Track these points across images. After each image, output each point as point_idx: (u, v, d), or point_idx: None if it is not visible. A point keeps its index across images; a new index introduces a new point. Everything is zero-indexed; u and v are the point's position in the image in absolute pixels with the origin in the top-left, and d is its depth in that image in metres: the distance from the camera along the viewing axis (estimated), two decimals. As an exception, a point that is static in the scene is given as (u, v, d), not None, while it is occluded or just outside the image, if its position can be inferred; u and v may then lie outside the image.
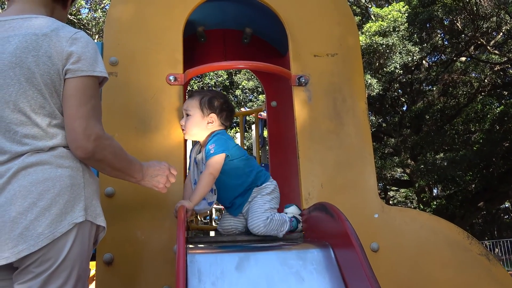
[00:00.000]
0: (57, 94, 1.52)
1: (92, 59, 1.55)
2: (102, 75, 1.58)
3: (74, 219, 1.45)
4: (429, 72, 16.19)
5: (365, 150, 2.52)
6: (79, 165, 1.52)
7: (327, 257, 1.81)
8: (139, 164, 1.74)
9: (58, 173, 1.46)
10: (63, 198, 1.44)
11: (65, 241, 1.43)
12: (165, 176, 1.83)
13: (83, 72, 1.52)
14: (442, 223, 2.42)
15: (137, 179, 1.74)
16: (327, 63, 2.64)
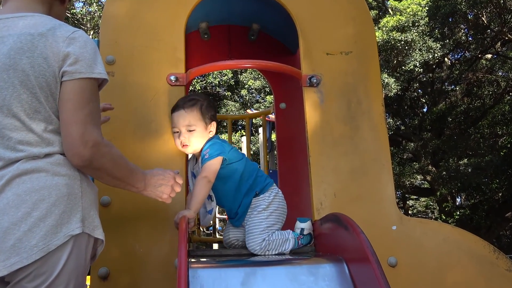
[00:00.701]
0: (53, 98, 1.53)
1: (91, 60, 1.56)
2: (101, 77, 1.59)
3: (70, 231, 1.46)
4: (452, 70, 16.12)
5: (382, 156, 2.51)
6: (76, 174, 1.54)
7: (341, 273, 1.80)
8: (141, 173, 1.74)
9: (54, 182, 1.47)
10: (59, 208, 1.45)
11: (60, 255, 1.44)
12: (169, 186, 1.83)
13: (81, 74, 1.53)
14: (466, 236, 2.40)
15: (139, 189, 1.75)
16: (341, 61, 2.64)
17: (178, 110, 2.28)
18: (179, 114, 2.27)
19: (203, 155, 2.24)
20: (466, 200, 17.24)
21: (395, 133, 16.39)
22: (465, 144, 14.36)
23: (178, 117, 2.27)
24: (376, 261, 1.65)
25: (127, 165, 1.67)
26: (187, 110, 2.27)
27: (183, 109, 2.27)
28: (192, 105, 2.28)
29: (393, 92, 13.46)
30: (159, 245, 2.19)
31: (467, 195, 16.57)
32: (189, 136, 2.26)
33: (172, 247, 2.15)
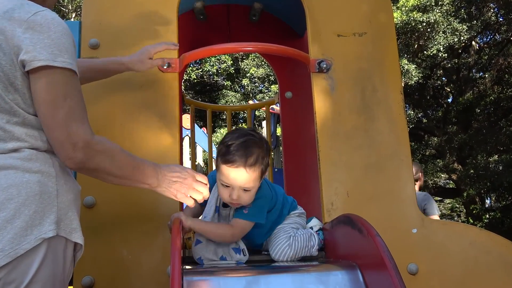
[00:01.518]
0: (14, 89, 1.51)
1: (54, 45, 1.52)
2: (65, 66, 1.52)
3: (43, 234, 1.44)
4: (480, 55, 16.07)
5: (401, 151, 2.51)
6: (51, 170, 1.53)
7: (354, 281, 1.80)
8: (152, 167, 1.74)
9: (24, 179, 1.46)
10: (29, 208, 1.44)
11: (31, 260, 1.43)
12: (185, 184, 1.82)
13: (40, 61, 1.48)
14: (496, 240, 2.40)
15: (151, 186, 1.75)
16: (354, 44, 2.64)
17: (238, 167, 2.01)
18: (239, 173, 2.02)
19: (243, 207, 2.15)
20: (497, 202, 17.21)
21: (416, 126, 16.37)
22: (495, 139, 14.32)
23: (237, 176, 2.03)
24: (394, 267, 1.64)
25: (130, 160, 1.67)
26: (249, 171, 2.02)
27: (245, 168, 2.01)
28: (255, 163, 2.03)
29: (413, 80, 13.43)
30: (150, 251, 2.20)
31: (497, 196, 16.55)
32: (243, 194, 2.07)
33: (165, 254, 2.16)
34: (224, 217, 2.23)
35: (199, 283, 1.76)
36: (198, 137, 8.50)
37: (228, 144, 2.04)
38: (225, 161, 2.03)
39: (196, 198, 1.86)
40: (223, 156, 2.04)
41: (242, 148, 2.02)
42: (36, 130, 1.55)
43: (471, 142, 14.69)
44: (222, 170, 2.05)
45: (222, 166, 2.04)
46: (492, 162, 14.14)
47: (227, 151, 2.03)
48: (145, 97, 2.40)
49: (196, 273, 1.88)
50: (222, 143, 2.09)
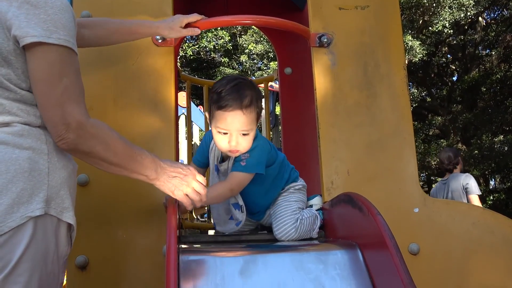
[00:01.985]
0: (7, 64, 1.51)
1: (50, 21, 1.50)
2: (59, 43, 1.51)
3: (29, 212, 1.45)
4: (487, 32, 15.98)
5: (404, 128, 2.51)
6: (43, 147, 1.53)
7: (354, 260, 1.82)
8: (150, 158, 1.73)
9: (14, 155, 1.46)
10: (17, 185, 1.44)
11: (18, 238, 1.43)
12: (184, 182, 1.81)
13: (33, 37, 1.47)
14: (500, 219, 2.42)
15: (149, 178, 1.75)
16: (356, 18, 2.62)
17: (234, 110, 2.05)
18: (236, 117, 2.06)
19: (240, 159, 2.16)
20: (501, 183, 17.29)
21: (419, 105, 16.35)
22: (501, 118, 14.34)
23: (234, 120, 2.06)
24: (394, 246, 1.65)
25: (127, 149, 1.66)
26: (246, 112, 2.06)
27: (241, 110, 2.05)
28: (250, 104, 2.07)
29: (418, 57, 13.38)
30: (145, 230, 2.20)
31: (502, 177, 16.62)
32: (241, 140, 2.10)
33: (160, 233, 2.17)
34: (223, 173, 2.25)
35: (195, 263, 1.77)
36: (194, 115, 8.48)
37: (219, 91, 2.07)
38: (220, 106, 2.06)
39: (193, 197, 1.85)
40: (216, 102, 2.07)
41: (235, 91, 2.07)
42: (29, 105, 1.55)
43: (476, 122, 14.71)
44: (218, 117, 2.07)
45: (218, 113, 2.07)
46: (497, 142, 14.17)
47: (220, 97, 2.06)
48: (138, 72, 2.39)
49: (192, 252, 1.90)
50: (213, 92, 2.11)
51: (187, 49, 17.75)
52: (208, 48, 18.33)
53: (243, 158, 2.15)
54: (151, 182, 1.77)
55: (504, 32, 15.43)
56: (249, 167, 2.15)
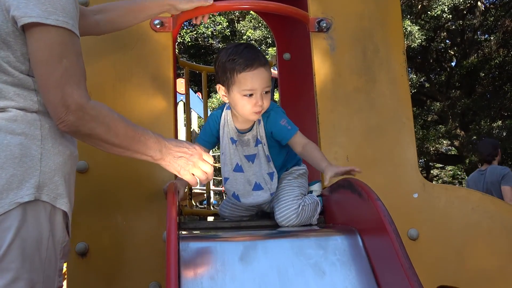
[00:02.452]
0: (6, 46, 1.51)
1: (48, 2, 1.49)
2: (58, 25, 1.50)
3: (18, 198, 1.43)
4: (486, 16, 15.92)
5: (403, 114, 2.51)
6: (37, 132, 1.52)
7: (354, 246, 1.82)
8: (154, 139, 1.70)
9: (5, 141, 1.45)
10: (7, 171, 1.43)
11: (7, 225, 1.42)
12: (190, 162, 1.78)
13: (31, 18, 1.46)
14: (499, 205, 2.43)
15: (154, 158, 1.72)
16: (355, 2, 2.61)
17: (257, 67, 2.09)
18: (260, 74, 2.09)
19: (283, 127, 2.22)
20: (500, 169, 17.33)
21: (418, 91, 16.32)
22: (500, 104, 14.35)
23: (258, 77, 2.09)
24: (394, 231, 1.66)
25: (129, 129, 1.63)
26: (266, 68, 2.11)
27: (263, 66, 2.10)
28: (266, 61, 2.15)
29: (416, 43, 13.34)
30: (145, 216, 2.21)
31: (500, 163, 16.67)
32: (265, 99, 2.13)
33: (160, 219, 2.17)
34: (246, 143, 2.28)
35: (195, 249, 1.78)
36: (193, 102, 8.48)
37: (233, 58, 2.11)
38: (242, 69, 2.09)
39: (200, 177, 1.83)
40: (235, 68, 2.10)
41: (249, 53, 2.12)
42: (26, 90, 1.53)
43: (474, 107, 14.71)
44: (241, 79, 2.10)
45: (240, 76, 2.09)
46: (496, 128, 14.19)
47: (239, 61, 2.09)
48: (137, 57, 2.38)
49: (192, 238, 1.90)
50: (225, 61, 2.13)
51: (185, 35, 17.67)
52: (206, 34, 18.25)
53: (284, 124, 2.22)
54: (157, 162, 1.75)
55: (503, 17, 15.37)
56: (293, 126, 2.24)
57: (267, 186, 2.26)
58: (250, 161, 2.28)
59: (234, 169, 2.29)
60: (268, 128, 2.25)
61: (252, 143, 2.26)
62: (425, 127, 16.21)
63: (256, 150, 2.27)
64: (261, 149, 2.27)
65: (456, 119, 15.49)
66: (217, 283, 1.67)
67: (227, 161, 2.30)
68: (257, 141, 2.26)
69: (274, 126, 2.24)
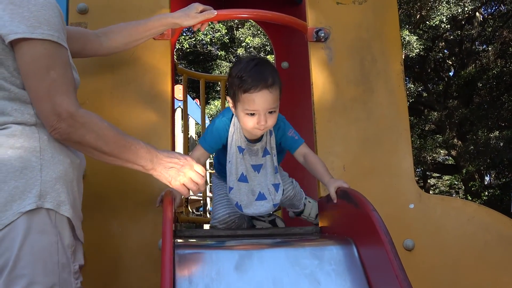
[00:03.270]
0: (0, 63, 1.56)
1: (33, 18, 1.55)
2: (43, 38, 1.56)
3: (21, 208, 1.49)
4: (484, 27, 15.99)
5: (400, 124, 2.51)
6: (36, 145, 1.57)
7: (349, 256, 1.82)
8: (145, 148, 1.73)
9: (6, 156, 1.51)
10: (9, 184, 1.49)
11: (14, 235, 1.47)
12: (181, 172, 1.80)
13: (17, 34, 1.52)
14: (495, 216, 2.43)
15: (145, 168, 1.76)
16: (353, 12, 2.61)
17: (260, 90, 2.06)
18: (263, 96, 2.06)
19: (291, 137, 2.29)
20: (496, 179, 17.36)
21: (416, 100, 16.37)
22: (497, 114, 14.37)
23: (261, 99, 2.06)
24: (389, 242, 1.66)
25: (119, 138, 1.68)
26: (271, 90, 2.07)
27: (267, 89, 2.06)
28: (274, 82, 2.08)
29: (415, 52, 13.38)
30: (140, 224, 2.21)
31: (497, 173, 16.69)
32: (269, 119, 2.11)
33: (156, 227, 2.17)
34: (254, 152, 2.28)
35: (191, 257, 1.78)
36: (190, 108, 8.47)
37: (241, 75, 2.08)
38: (246, 89, 2.07)
39: (191, 187, 1.84)
40: (241, 86, 2.08)
41: (258, 72, 2.08)
42: (23, 104, 1.59)
43: (472, 117, 14.74)
44: (245, 99, 2.08)
45: (244, 96, 2.08)
46: (493, 138, 14.19)
47: (244, 81, 2.07)
48: (135, 65, 2.38)
49: (188, 246, 1.90)
50: (234, 77, 2.12)
51: (183, 42, 17.70)
52: (204, 41, 18.29)
53: (291, 134, 2.28)
54: (148, 172, 1.78)
55: (501, 27, 15.42)
56: (299, 137, 2.31)
57: (270, 197, 2.27)
58: (256, 170, 2.29)
59: (239, 179, 2.28)
60: (278, 138, 2.29)
61: (260, 153, 2.28)
62: (423, 136, 16.22)
63: (264, 161, 2.28)
64: (269, 159, 2.28)
65: (454, 129, 15.51)
66: (212, 293, 1.67)
67: (232, 171, 2.28)
68: (265, 151, 2.28)
69: (283, 136, 2.29)
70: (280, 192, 2.28)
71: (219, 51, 18.60)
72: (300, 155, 2.27)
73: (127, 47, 2.23)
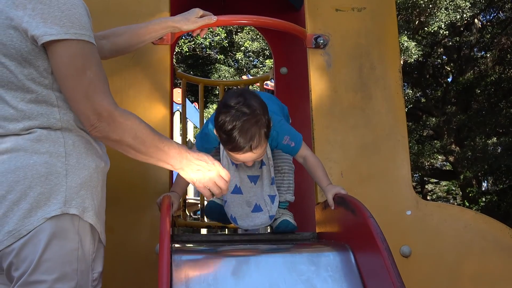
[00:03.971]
0: (28, 63, 1.55)
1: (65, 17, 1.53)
2: (77, 38, 1.54)
3: (46, 214, 1.49)
4: (482, 34, 16.02)
5: (398, 131, 2.52)
6: (61, 150, 1.56)
7: (346, 262, 1.83)
8: (176, 149, 1.74)
9: (32, 161, 1.51)
10: (34, 190, 1.49)
11: (38, 240, 1.47)
12: (207, 176, 1.81)
13: (51, 36, 1.51)
14: (491, 223, 2.43)
15: (175, 167, 1.77)
16: (352, 19, 2.63)
17: (245, 153, 2.04)
18: (248, 156, 2.06)
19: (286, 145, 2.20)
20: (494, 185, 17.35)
21: (414, 106, 16.38)
22: (495, 121, 14.37)
23: (246, 158, 2.08)
24: (386, 249, 1.67)
25: (154, 137, 1.68)
26: (256, 151, 2.04)
27: (251, 151, 2.03)
28: (259, 142, 2.03)
29: (413, 58, 13.41)
30: (138, 228, 2.21)
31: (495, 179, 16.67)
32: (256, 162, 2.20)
33: (153, 231, 2.18)
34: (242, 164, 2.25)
35: (188, 262, 1.78)
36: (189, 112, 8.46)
37: (227, 131, 1.99)
38: (231, 149, 2.05)
39: (214, 191, 1.86)
40: (226, 145, 2.05)
41: (243, 134, 1.98)
42: (49, 107, 1.58)
43: (470, 124, 14.74)
44: (230, 154, 2.10)
45: (230, 152, 2.08)
46: (491, 144, 14.21)
47: (229, 140, 2.01)
48: (135, 70, 2.39)
49: (185, 252, 1.90)
50: (221, 128, 2.02)
51: (183, 45, 17.72)
52: (204, 44, 18.31)
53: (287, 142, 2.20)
54: (177, 171, 1.81)
55: (499, 34, 15.45)
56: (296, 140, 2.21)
57: (266, 208, 2.26)
58: (252, 182, 2.27)
59: (233, 191, 2.27)
60: (273, 147, 2.27)
61: (257, 164, 2.27)
62: (421, 142, 16.22)
63: (260, 172, 2.27)
64: (266, 171, 2.27)
65: (452, 135, 15.52)
66: (209, 298, 1.67)
67: None
68: (262, 162, 2.27)
69: (277, 145, 2.24)
70: (276, 203, 2.27)
71: (218, 55, 18.62)
72: (300, 157, 2.24)
73: (128, 50, 2.24)
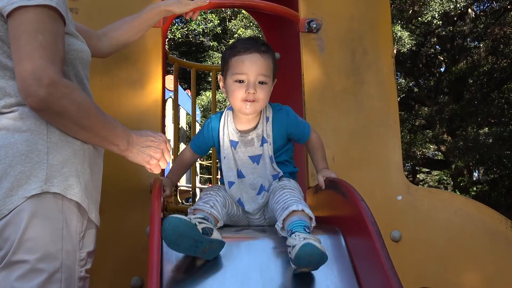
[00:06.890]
0: (2, 41, 1.53)
1: None
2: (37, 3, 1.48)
3: (26, 193, 1.46)
4: (476, 23, 16.04)
5: (390, 116, 2.53)
6: (43, 127, 1.52)
7: (336, 245, 1.83)
8: (121, 127, 1.66)
9: (12, 140, 1.48)
10: (15, 169, 1.47)
11: (19, 219, 1.45)
12: (160, 150, 1.75)
13: (14, 4, 1.46)
14: (481, 209, 2.46)
15: (120, 148, 1.67)
16: (346, 4, 2.62)
17: (251, 53, 1.97)
18: (253, 59, 1.97)
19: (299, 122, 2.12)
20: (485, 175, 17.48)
21: (407, 95, 16.41)
22: (487, 111, 14.45)
23: (252, 62, 1.96)
24: (376, 232, 1.67)
25: (100, 115, 1.59)
26: (263, 56, 1.98)
27: (259, 53, 1.98)
28: (267, 50, 2.01)
29: (406, 48, 13.40)
30: (129, 211, 2.20)
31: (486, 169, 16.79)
32: (259, 90, 1.97)
33: (144, 215, 2.17)
34: (249, 142, 2.09)
35: (178, 244, 1.77)
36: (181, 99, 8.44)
37: (233, 45, 2.05)
38: (237, 52, 1.99)
39: (162, 166, 1.80)
40: (231, 53, 2.01)
41: (250, 39, 2.05)
42: None
43: (462, 113, 14.80)
44: (235, 63, 1.99)
45: (234, 59, 2.00)
46: (482, 134, 14.26)
47: (235, 45, 2.03)
48: (126, 52, 2.37)
49: (176, 234, 1.90)
50: (227, 49, 2.08)
51: (175, 32, 17.61)
52: (197, 31, 18.20)
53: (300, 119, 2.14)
54: (122, 154, 1.69)
55: (492, 24, 15.47)
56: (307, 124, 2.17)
57: (269, 186, 2.09)
58: (255, 162, 2.10)
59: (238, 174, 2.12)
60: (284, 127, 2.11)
61: (257, 142, 2.09)
62: (413, 131, 16.27)
63: (261, 150, 2.09)
64: (266, 148, 2.09)
65: (444, 125, 15.57)
66: (199, 280, 1.67)
67: (231, 165, 2.10)
68: (262, 140, 2.08)
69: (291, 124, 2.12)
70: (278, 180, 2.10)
71: (211, 42, 18.53)
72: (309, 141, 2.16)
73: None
